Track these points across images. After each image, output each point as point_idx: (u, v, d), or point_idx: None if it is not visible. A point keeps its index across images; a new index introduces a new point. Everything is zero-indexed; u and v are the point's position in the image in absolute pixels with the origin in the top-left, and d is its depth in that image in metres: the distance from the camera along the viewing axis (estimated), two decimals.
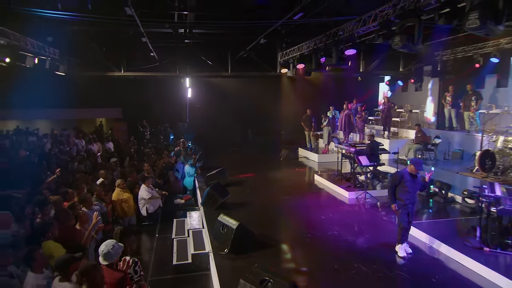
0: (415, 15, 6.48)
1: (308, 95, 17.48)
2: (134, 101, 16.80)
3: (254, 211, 8.75)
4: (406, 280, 5.48)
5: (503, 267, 5.49)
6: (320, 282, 5.49)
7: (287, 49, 14.15)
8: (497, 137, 9.53)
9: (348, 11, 10.11)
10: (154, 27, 11.86)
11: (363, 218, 8.36)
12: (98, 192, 7.45)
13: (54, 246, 5.13)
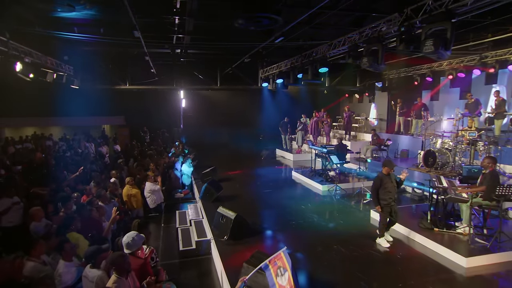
0: (379, 41, 6.58)
1: (284, 105, 17.54)
2: (136, 110, 16.30)
3: (245, 202, 8.59)
4: (377, 257, 5.48)
5: (448, 243, 5.58)
6: (308, 261, 5.40)
7: (267, 67, 14.16)
8: (436, 140, 9.82)
9: (320, 36, 10.25)
10: (155, 47, 11.55)
11: (335, 207, 8.35)
12: (111, 189, 7.13)
13: (77, 237, 4.84)
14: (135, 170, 8.83)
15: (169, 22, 9.27)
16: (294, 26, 8.63)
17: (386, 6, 7.87)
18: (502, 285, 4.71)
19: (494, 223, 5.96)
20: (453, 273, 4.92)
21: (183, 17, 8.39)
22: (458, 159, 8.98)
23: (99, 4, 7.28)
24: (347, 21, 9.30)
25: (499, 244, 5.38)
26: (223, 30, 10.40)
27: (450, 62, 12.80)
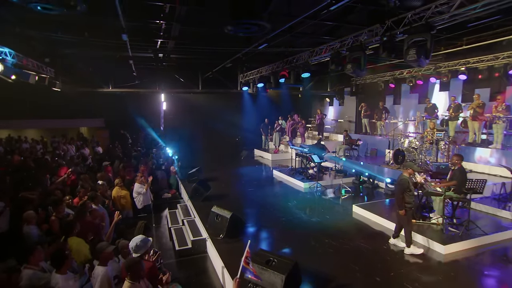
0: (361, 49, 6.73)
1: (262, 107, 17.50)
2: (116, 112, 15.42)
3: (233, 201, 8.39)
4: (366, 249, 5.54)
5: (426, 233, 5.76)
6: (304, 255, 5.29)
7: (246, 72, 14.05)
8: (404, 140, 10.25)
9: (299, 43, 10.34)
10: (139, 51, 11.01)
11: (319, 203, 8.36)
12: (102, 191, 6.65)
13: (78, 241, 4.45)
14: (124, 172, 8.32)
15: (155, 27, 8.88)
16: (276, 34, 8.65)
17: (361, 17, 8.11)
18: (475, 268, 4.95)
19: (460, 213, 6.29)
20: (434, 260, 5.12)
21: (170, 22, 8.08)
22: (423, 157, 9.44)
23: (89, 7, 6.75)
24: (323, 31, 9.48)
25: (468, 231, 5.69)
26: (206, 36, 10.14)
27: (410, 70, 13.46)
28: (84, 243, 4.56)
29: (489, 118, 9.77)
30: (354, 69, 6.69)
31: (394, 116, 14.32)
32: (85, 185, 6.82)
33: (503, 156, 8.90)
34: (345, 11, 7.80)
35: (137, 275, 3.26)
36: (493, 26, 8.46)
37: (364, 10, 7.51)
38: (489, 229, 5.85)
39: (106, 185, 7.09)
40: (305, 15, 7.23)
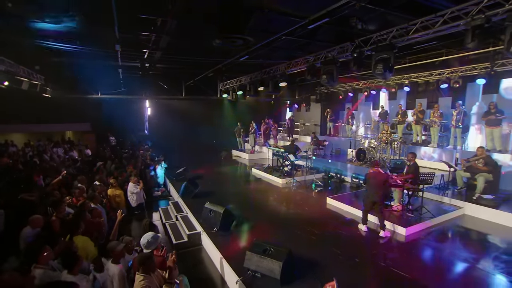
0: (334, 63, 6.97)
1: (239, 112, 17.43)
2: (103, 117, 14.47)
3: (219, 197, 8.15)
4: (344, 235, 5.72)
5: (389, 218, 5.97)
6: (292, 243, 5.30)
7: (226, 81, 13.91)
8: (365, 140, 10.78)
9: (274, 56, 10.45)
10: (127, 61, 10.45)
11: (298, 197, 8.39)
12: (99, 191, 6.23)
13: (84, 239, 4.12)
14: (117, 172, 7.84)
15: (145, 39, 8.49)
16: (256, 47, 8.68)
17: (329, 36, 8.41)
18: (429, 244, 5.30)
19: (413, 200, 6.67)
20: (398, 241, 5.43)
21: (160, 34, 7.77)
22: (379, 155, 9.99)
23: (85, 18, 6.28)
24: (295, 46, 9.68)
25: (421, 215, 6.11)
26: (191, 47, 9.89)
27: (365, 82, 14.15)
28: (90, 241, 4.25)
29: (428, 122, 10.59)
30: (328, 80, 6.91)
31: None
32: (82, 185, 6.35)
33: (438, 153, 9.68)
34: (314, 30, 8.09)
35: (149, 269, 3.11)
36: (428, 49, 9.18)
37: (332, 30, 7.82)
38: (436, 212, 6.32)
39: (103, 185, 6.65)
40: (284, 32, 7.37)
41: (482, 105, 10.17)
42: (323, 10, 5.87)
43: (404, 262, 4.66)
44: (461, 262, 4.67)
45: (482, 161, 6.86)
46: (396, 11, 5.84)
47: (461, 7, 4.55)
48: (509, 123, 9.03)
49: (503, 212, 6.15)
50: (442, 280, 4.23)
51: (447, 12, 4.73)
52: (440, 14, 4.81)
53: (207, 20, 7.25)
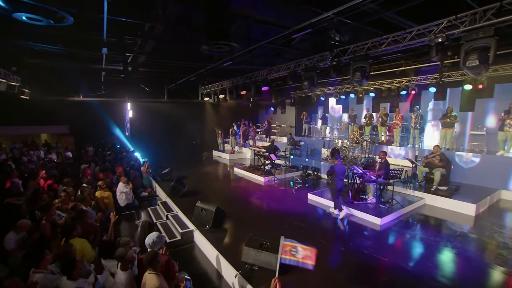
0: (314, 70, 7.24)
1: (220, 115, 17.27)
2: (82, 119, 13.47)
3: (207, 195, 8.12)
4: (327, 226, 6.01)
5: (365, 210, 6.44)
6: (277, 234, 5.52)
7: (208, 84, 13.74)
8: (338, 140, 11.27)
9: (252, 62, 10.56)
10: (111, 64, 9.92)
11: (280, 193, 8.49)
12: (88, 193, 5.86)
13: (81, 242, 3.88)
14: (103, 174, 7.42)
15: (130, 43, 8.14)
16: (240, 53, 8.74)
17: (307, 44, 8.70)
18: (400, 231, 5.71)
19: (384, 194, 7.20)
20: (374, 230, 5.80)
21: (147, 39, 7.52)
22: (351, 154, 10.52)
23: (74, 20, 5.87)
24: (274, 53, 9.88)
25: (392, 206, 6.58)
26: (175, 52, 9.66)
27: (335, 87, 14.82)
28: (87, 243, 4.02)
29: (391, 124, 11.37)
30: (310, 85, 7.16)
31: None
32: (69, 188, 5.94)
33: (401, 151, 10.44)
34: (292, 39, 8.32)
35: (157, 267, 3.03)
36: (390, 60, 9.90)
37: (308, 39, 8.11)
38: (404, 203, 6.85)
39: (91, 188, 6.27)
40: (268, 40, 7.49)
41: (436, 109, 11.17)
42: (306, 22, 6.11)
43: (383, 248, 5.00)
44: (427, 243, 5.13)
45: (438, 157, 7.55)
46: (367, 25, 6.27)
47: (425, 26, 5.01)
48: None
49: (455, 200, 6.85)
50: (415, 259, 4.62)
51: (414, 30, 5.18)
52: (408, 31, 5.26)
53: (194, 27, 7.18)
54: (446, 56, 4.95)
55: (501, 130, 8.04)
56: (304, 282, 3.97)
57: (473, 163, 8.27)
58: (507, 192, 7.65)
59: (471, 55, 4.30)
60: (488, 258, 4.71)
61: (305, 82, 7.21)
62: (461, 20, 4.57)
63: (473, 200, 6.65)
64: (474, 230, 5.76)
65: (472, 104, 10.05)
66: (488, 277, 4.16)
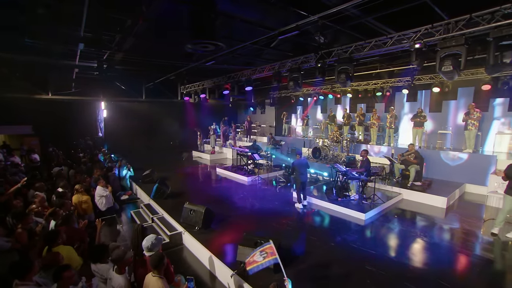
0: (299, 71, 7.47)
1: (200, 115, 17.00)
2: (49, 119, 12.49)
3: (192, 197, 7.97)
4: (314, 222, 6.25)
5: (349, 206, 6.77)
6: (273, 236, 5.52)
7: (188, 84, 13.49)
8: (319, 140, 11.68)
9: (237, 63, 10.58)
10: (84, 61, 9.37)
11: (265, 193, 8.58)
12: (67, 197, 5.55)
13: (67, 249, 3.70)
14: (81, 178, 7.03)
15: (107, 39, 7.77)
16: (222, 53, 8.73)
17: (287, 46, 8.89)
18: (384, 224, 6.12)
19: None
20: (359, 224, 6.14)
21: (126, 36, 7.25)
22: (332, 152, 10.97)
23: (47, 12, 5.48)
24: (252, 54, 9.94)
25: (374, 202, 7.01)
26: (156, 50, 9.38)
27: (314, 88, 15.32)
28: (73, 250, 3.83)
29: (368, 124, 12.04)
30: (295, 86, 7.38)
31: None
32: (41, 193, 5.57)
33: (379, 149, 11.10)
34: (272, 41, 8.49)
35: (163, 270, 3.00)
36: (367, 63, 10.51)
37: (290, 41, 8.33)
38: (384, 199, 7.32)
39: (68, 192, 5.92)
40: (253, 40, 7.59)
41: (409, 110, 12.02)
42: (293, 24, 6.31)
43: (369, 241, 5.33)
44: (408, 234, 5.56)
45: (413, 155, 8.18)
46: (349, 29, 6.62)
47: (405, 32, 5.45)
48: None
49: (429, 194, 7.47)
50: (398, 249, 4.99)
51: (395, 36, 5.60)
52: (389, 36, 5.67)
53: (178, 25, 7.06)
54: (424, 61, 5.40)
55: (466, 129, 8.90)
56: (300, 275, 4.12)
57: (460, 160, 8.91)
58: (471, 185, 8.49)
59: (445, 61, 4.77)
60: (458, 244, 5.23)
61: (290, 82, 7.42)
62: (436, 29, 5.04)
63: (444, 194, 7.30)
64: (446, 221, 6.34)
65: (439, 106, 10.99)
66: (458, 261, 4.64)
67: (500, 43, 4.45)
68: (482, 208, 7.17)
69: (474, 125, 8.66)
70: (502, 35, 4.41)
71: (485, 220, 6.30)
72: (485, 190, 7.78)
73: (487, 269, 4.45)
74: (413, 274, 4.23)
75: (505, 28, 4.39)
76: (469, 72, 9.57)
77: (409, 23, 5.71)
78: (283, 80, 8.28)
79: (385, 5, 5.15)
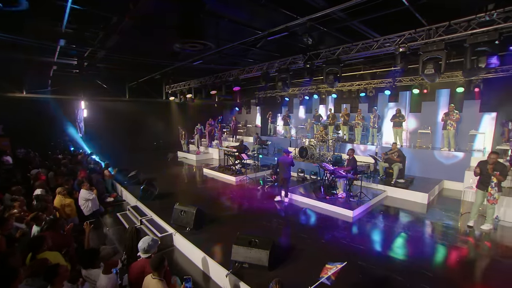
0: (287, 72, 7.61)
1: (185, 115, 16.75)
2: (21, 119, 11.78)
3: (180, 197, 7.94)
4: (303, 220, 6.41)
5: (337, 204, 7.01)
6: (265, 234, 5.56)
7: (173, 83, 13.29)
8: (305, 140, 11.93)
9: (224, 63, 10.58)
10: (62, 58, 8.99)
11: (253, 192, 8.65)
12: (48, 201, 5.32)
13: (54, 255, 3.57)
14: (63, 180, 6.75)
15: (89, 36, 7.52)
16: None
17: (272, 46, 9.02)
18: (371, 221, 6.38)
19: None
20: (347, 221, 6.37)
21: (111, 33, 7.07)
22: (318, 152, 11.25)
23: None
24: (239, 54, 9.98)
25: (361, 199, 7.28)
26: (140, 49, 9.17)
27: (299, 88, 15.59)
28: (60, 256, 3.71)
29: (353, 123, 12.45)
30: (283, 86, 7.53)
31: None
32: (18, 197, 5.31)
33: (364, 148, 11.53)
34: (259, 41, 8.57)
35: (163, 272, 3.00)
36: (352, 64, 10.89)
37: (276, 42, 8.45)
38: (370, 196, 7.63)
39: (49, 194, 5.68)
40: (242, 40, 7.65)
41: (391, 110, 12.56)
42: (282, 25, 6.43)
43: (358, 237, 5.56)
44: (393, 229, 5.86)
45: (396, 153, 8.59)
46: (335, 31, 6.85)
47: (390, 36, 5.74)
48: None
49: (411, 191, 7.88)
50: (386, 244, 5.24)
51: (380, 39, 5.88)
52: (376, 39, 5.94)
53: (165, 24, 6.97)
54: (408, 63, 5.71)
55: (444, 129, 9.46)
56: (295, 273, 4.23)
57: (439, 158, 9.43)
58: (448, 182, 9.05)
59: (428, 64, 5.09)
60: (438, 237, 5.59)
61: (279, 83, 7.56)
62: (419, 34, 5.36)
63: (425, 190, 7.74)
64: (428, 216, 6.74)
65: (419, 106, 11.60)
66: (439, 252, 4.97)
67: (476, 49, 4.82)
68: (459, 202, 7.67)
69: (452, 125, 9.24)
70: (477, 42, 4.78)
71: (462, 213, 6.75)
72: (461, 186, 8.31)
73: (465, 259, 4.82)
74: (400, 266, 4.47)
75: (480, 36, 4.76)
76: (445, 75, 10.18)
77: (392, 28, 6.01)
78: (271, 80, 8.40)
79: (370, 9, 5.41)
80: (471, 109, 10.30)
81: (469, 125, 10.03)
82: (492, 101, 9.82)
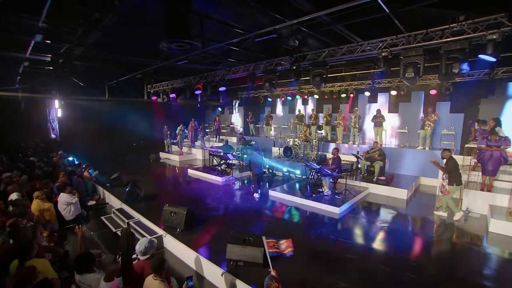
0: (274, 73, 7.80)
1: (167, 115, 16.42)
2: None
3: (167, 199, 7.87)
4: (292, 219, 6.61)
5: (323, 201, 7.27)
6: (257, 232, 5.73)
7: (155, 83, 13.01)
8: (289, 139, 12.21)
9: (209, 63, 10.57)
10: (35, 54, 8.52)
11: (241, 192, 8.74)
12: (26, 205, 5.09)
13: (42, 262, 3.47)
14: (41, 184, 6.43)
15: (67, 31, 7.22)
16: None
17: (257, 47, 9.17)
18: (356, 217, 6.70)
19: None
20: (334, 218, 6.66)
21: (91, 30, 6.85)
22: (302, 151, 11.57)
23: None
24: (223, 54, 10.00)
25: (346, 197, 7.64)
26: (122, 47, 8.94)
27: (282, 89, 15.91)
28: (48, 262, 3.61)
29: (335, 123, 12.94)
30: (270, 87, 7.71)
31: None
32: None
33: (346, 148, 12.03)
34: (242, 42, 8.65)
35: (164, 273, 3.03)
36: (333, 66, 11.32)
37: (261, 43, 8.61)
38: (354, 193, 8.01)
39: (26, 198, 5.41)
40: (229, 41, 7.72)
41: (371, 111, 13.20)
42: (270, 27, 6.61)
43: (345, 232, 5.85)
44: (378, 224, 6.24)
45: (377, 152, 9.08)
46: (320, 35, 7.15)
47: (373, 41, 6.12)
48: None
49: (391, 187, 8.39)
50: (372, 238, 5.58)
51: (365, 43, 6.24)
52: (360, 43, 6.30)
53: (149, 22, 6.89)
54: (391, 67, 6.12)
55: (422, 128, 10.16)
56: (288, 269, 4.40)
57: (415, 156, 10.03)
58: (424, 178, 9.73)
59: (408, 69, 5.51)
60: (417, 229, 6.05)
61: (265, 84, 7.73)
62: (400, 39, 5.78)
63: (404, 186, 8.27)
64: (407, 210, 7.23)
65: (397, 107, 12.31)
66: (419, 242, 5.40)
67: (450, 55, 5.30)
68: (434, 197, 8.28)
69: (430, 126, 9.94)
70: (451, 49, 5.25)
71: (438, 207, 7.31)
72: (436, 182, 8.97)
73: (442, 247, 5.29)
74: (386, 258, 4.81)
75: (453, 43, 5.25)
76: (420, 78, 10.90)
77: (374, 33, 6.40)
78: (257, 81, 8.56)
79: (354, 14, 5.73)
80: (443, 110, 11.12)
81: (442, 125, 10.83)
82: (461, 103, 10.70)
